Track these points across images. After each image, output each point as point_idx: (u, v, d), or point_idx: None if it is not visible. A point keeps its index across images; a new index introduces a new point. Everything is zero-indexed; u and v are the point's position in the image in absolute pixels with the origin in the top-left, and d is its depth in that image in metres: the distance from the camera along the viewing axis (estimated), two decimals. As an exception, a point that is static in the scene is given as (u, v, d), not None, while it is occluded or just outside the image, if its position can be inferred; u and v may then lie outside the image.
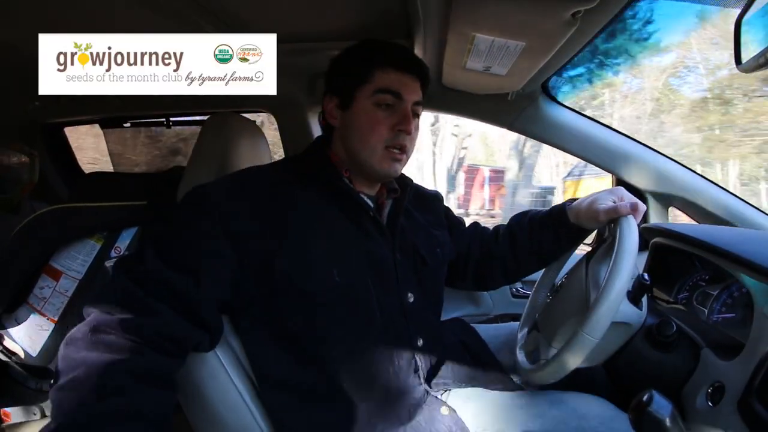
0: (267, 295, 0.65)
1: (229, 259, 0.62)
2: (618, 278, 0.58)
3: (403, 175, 0.84)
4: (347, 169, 0.75)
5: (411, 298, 0.73)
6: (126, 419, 0.51)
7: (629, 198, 0.73)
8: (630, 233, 0.63)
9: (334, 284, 0.66)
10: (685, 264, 0.82)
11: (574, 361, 0.60)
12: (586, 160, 1.17)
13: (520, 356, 0.75)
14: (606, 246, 0.73)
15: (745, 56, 0.53)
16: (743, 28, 0.54)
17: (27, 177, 1.28)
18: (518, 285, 1.40)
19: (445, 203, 0.98)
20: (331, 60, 0.78)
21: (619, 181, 1.20)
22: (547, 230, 0.83)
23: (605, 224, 0.75)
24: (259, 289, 0.65)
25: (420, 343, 0.72)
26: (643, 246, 0.69)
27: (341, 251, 0.68)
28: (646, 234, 0.89)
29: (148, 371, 0.55)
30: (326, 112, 0.76)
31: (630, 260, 0.59)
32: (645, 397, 0.54)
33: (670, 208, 1.18)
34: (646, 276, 0.64)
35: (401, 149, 0.72)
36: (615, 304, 0.58)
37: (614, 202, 0.72)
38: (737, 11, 0.55)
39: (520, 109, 1.15)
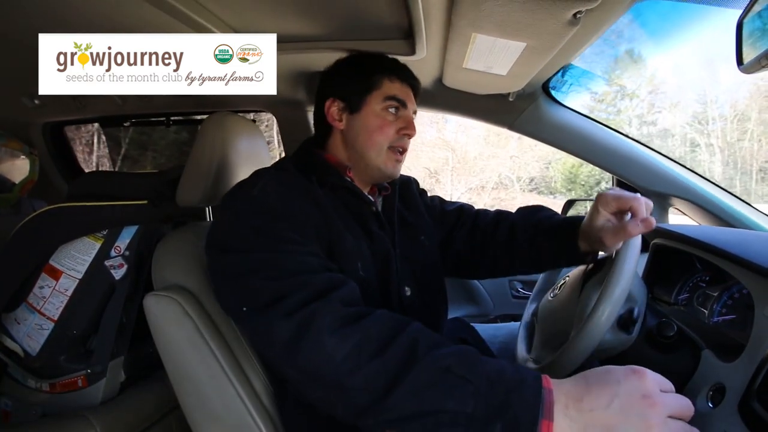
0: None
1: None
2: (602, 315, 0.56)
3: None
4: (349, 169, 0.77)
5: (408, 291, 0.74)
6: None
7: (629, 202, 0.64)
8: (625, 263, 0.58)
9: (359, 278, 0.65)
10: (686, 265, 0.82)
11: (564, 372, 0.60)
12: (586, 161, 1.17)
13: (521, 356, 0.75)
14: (606, 269, 0.67)
15: (747, 57, 0.53)
16: (745, 29, 0.54)
17: (27, 175, 1.28)
18: (519, 286, 1.40)
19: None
20: (334, 66, 0.81)
21: (619, 182, 1.20)
22: (551, 242, 0.78)
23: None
24: None
25: None
26: (643, 247, 0.68)
27: (359, 247, 0.69)
28: (647, 235, 0.89)
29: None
30: (328, 114, 0.78)
31: (620, 294, 0.57)
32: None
33: (670, 209, 1.18)
34: (635, 311, 0.62)
35: (402, 151, 0.78)
36: (596, 338, 0.57)
37: (617, 218, 0.66)
38: (738, 12, 0.55)
39: (520, 110, 1.15)
